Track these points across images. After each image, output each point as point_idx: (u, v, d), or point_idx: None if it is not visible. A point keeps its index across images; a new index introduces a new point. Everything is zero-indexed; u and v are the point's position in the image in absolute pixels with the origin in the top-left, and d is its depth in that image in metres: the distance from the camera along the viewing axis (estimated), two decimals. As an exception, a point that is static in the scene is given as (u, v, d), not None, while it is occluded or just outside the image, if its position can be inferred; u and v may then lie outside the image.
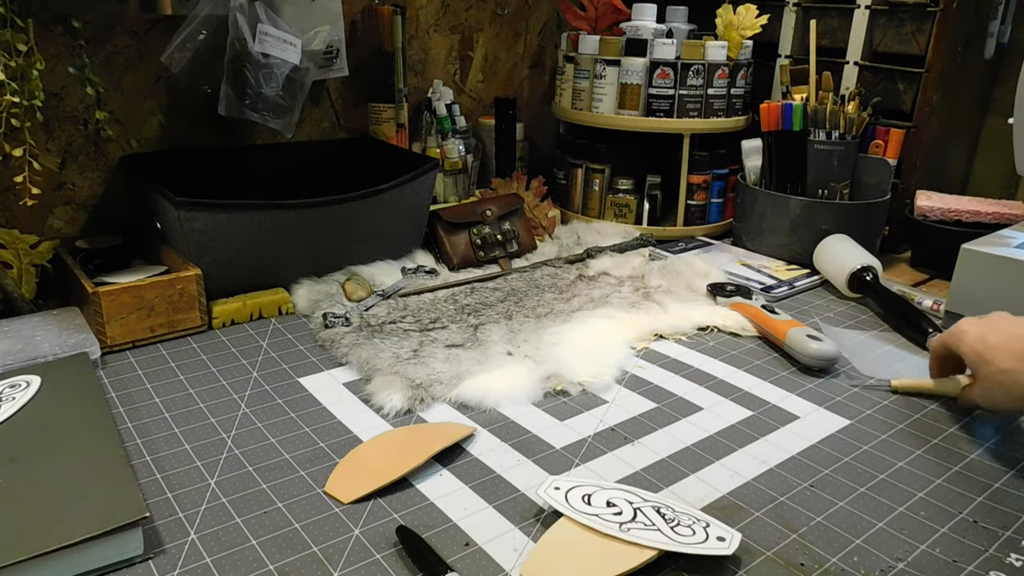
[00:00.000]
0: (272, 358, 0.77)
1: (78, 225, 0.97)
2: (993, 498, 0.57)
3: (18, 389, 0.64)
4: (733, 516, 0.55)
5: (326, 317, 0.83)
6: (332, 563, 0.49)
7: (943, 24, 1.06)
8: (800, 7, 1.22)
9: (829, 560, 0.51)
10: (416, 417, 0.67)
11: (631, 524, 0.51)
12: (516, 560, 0.50)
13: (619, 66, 1.14)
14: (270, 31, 0.93)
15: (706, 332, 0.87)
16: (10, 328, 0.77)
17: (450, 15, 1.24)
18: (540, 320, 0.85)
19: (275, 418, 0.66)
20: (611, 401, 0.71)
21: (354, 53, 1.11)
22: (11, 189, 0.87)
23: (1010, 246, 0.87)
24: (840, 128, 1.07)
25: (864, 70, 1.15)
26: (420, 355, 0.76)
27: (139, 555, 0.49)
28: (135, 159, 0.97)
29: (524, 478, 0.59)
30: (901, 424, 0.68)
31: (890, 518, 0.55)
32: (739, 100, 1.19)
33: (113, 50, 0.94)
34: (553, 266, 1.03)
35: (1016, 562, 0.51)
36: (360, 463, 0.59)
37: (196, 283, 0.81)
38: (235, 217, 0.83)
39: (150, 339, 0.79)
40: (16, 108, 0.75)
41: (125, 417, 0.66)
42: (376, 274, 0.95)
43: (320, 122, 1.15)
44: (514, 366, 0.74)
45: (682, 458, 0.62)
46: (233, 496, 0.56)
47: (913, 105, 1.11)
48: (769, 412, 0.70)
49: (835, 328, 0.87)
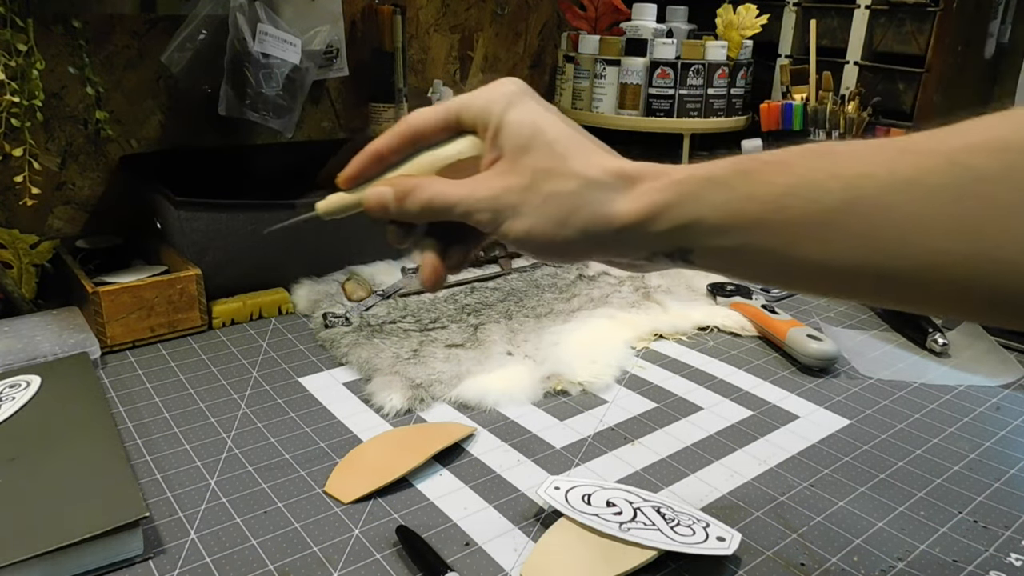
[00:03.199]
0: (272, 358, 0.77)
1: (78, 225, 0.97)
2: (993, 498, 0.57)
3: (18, 389, 0.64)
4: (733, 516, 0.55)
5: (326, 317, 0.83)
6: (332, 563, 0.49)
7: (943, 24, 1.06)
8: (800, 7, 1.22)
9: (829, 560, 0.51)
10: (416, 417, 0.67)
11: (631, 524, 0.51)
12: (516, 560, 0.50)
13: (619, 66, 1.14)
14: (270, 31, 0.93)
15: (706, 332, 0.87)
16: (10, 328, 0.77)
17: (450, 15, 1.24)
18: (540, 320, 0.85)
19: (275, 418, 0.66)
20: (611, 401, 0.71)
21: (354, 53, 1.11)
22: (11, 189, 0.87)
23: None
24: (840, 128, 1.07)
25: (864, 70, 1.15)
26: (420, 355, 0.76)
27: (139, 555, 0.49)
28: (135, 159, 0.97)
29: (524, 478, 0.59)
30: (901, 424, 0.68)
31: (890, 518, 0.55)
32: (739, 100, 1.19)
33: (113, 50, 0.94)
34: (553, 266, 1.03)
35: (1016, 562, 0.51)
36: (360, 463, 0.59)
37: (196, 283, 0.81)
38: (235, 217, 0.83)
39: (150, 339, 0.79)
40: (16, 108, 0.75)
41: (125, 417, 0.66)
42: (376, 274, 0.95)
43: (320, 122, 1.15)
44: (514, 366, 0.74)
45: (682, 458, 0.62)
46: (233, 496, 0.56)
47: (913, 105, 1.11)
48: (769, 412, 0.70)
49: (835, 328, 0.87)
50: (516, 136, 0.39)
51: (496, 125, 0.39)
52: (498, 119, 0.39)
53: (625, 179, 0.38)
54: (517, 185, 0.38)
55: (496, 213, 0.39)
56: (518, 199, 0.38)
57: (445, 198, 0.40)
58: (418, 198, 0.40)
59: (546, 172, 0.38)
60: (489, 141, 0.40)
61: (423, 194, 0.40)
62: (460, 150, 0.41)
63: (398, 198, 0.41)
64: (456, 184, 0.40)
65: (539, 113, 0.39)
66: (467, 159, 0.41)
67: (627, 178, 0.38)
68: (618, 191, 0.37)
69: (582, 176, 0.38)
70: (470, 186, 0.40)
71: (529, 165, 0.38)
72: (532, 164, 0.38)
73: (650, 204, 0.37)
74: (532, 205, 0.38)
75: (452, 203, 0.39)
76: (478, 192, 0.39)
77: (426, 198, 0.40)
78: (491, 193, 0.39)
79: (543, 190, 0.38)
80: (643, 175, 0.38)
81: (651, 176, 0.38)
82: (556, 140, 0.38)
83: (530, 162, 0.38)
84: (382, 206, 0.42)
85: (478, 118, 0.40)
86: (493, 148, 0.40)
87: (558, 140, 0.38)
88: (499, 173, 0.39)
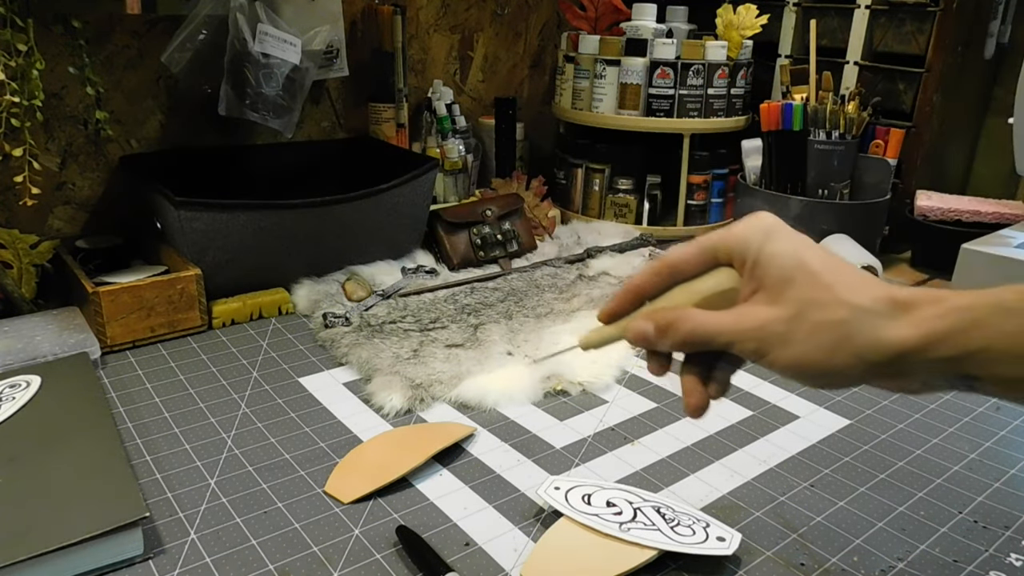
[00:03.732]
0: (272, 358, 0.77)
1: (78, 225, 0.97)
2: (993, 498, 0.57)
3: (18, 389, 0.64)
4: (733, 516, 0.55)
5: (326, 317, 0.83)
6: (332, 563, 0.49)
7: (943, 24, 1.06)
8: (800, 7, 1.22)
9: (829, 560, 0.51)
10: (416, 417, 0.67)
11: (631, 524, 0.51)
12: (516, 560, 0.50)
13: (619, 66, 1.14)
14: (270, 31, 0.93)
15: (706, 332, 0.87)
16: (10, 328, 0.77)
17: (450, 15, 1.24)
18: (540, 320, 0.85)
19: (275, 418, 0.66)
20: (611, 401, 0.71)
21: (354, 53, 1.11)
22: (11, 189, 0.87)
23: (1010, 246, 0.87)
24: (840, 128, 1.07)
25: (864, 70, 1.15)
26: (420, 355, 0.76)
27: (139, 555, 0.49)
28: (135, 159, 0.97)
29: (524, 478, 0.59)
30: (901, 424, 0.68)
31: (890, 518, 0.55)
32: (739, 100, 1.19)
33: (113, 50, 0.94)
34: (553, 266, 1.03)
35: (1016, 562, 0.51)
36: (360, 463, 0.59)
37: (196, 283, 0.81)
38: (235, 217, 0.83)
39: (150, 339, 0.79)
40: (16, 108, 0.75)
41: (125, 417, 0.66)
42: (376, 274, 0.95)
43: (320, 122, 1.15)
44: (514, 366, 0.74)
45: (682, 458, 0.62)
46: (233, 496, 0.56)
47: (913, 105, 1.11)
48: (769, 412, 0.70)
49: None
50: (778, 268, 0.39)
51: (755, 258, 0.40)
52: (756, 252, 0.40)
53: (898, 306, 0.37)
54: (784, 316, 0.38)
55: (762, 343, 0.39)
56: (785, 328, 0.38)
57: (707, 329, 0.40)
58: (680, 329, 0.41)
59: (813, 302, 0.38)
60: (748, 274, 0.40)
61: (685, 326, 0.41)
62: (718, 282, 0.41)
63: (660, 330, 0.42)
64: (718, 315, 0.40)
65: (799, 244, 0.40)
66: (724, 292, 0.41)
67: (900, 305, 0.37)
68: (891, 318, 0.37)
69: (852, 304, 0.37)
70: (733, 316, 0.40)
71: (794, 296, 0.38)
72: (797, 295, 0.38)
73: (930, 331, 0.36)
74: (800, 334, 0.38)
75: (715, 333, 0.40)
76: (743, 323, 0.39)
77: (688, 329, 0.41)
78: (756, 324, 0.39)
79: (811, 319, 0.38)
80: (917, 302, 0.37)
81: (928, 302, 0.37)
82: (821, 271, 0.38)
83: (795, 293, 0.38)
84: (644, 339, 0.42)
85: (735, 251, 0.41)
86: (752, 280, 0.40)
87: (823, 271, 0.38)
88: (762, 304, 0.39)
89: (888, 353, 0.37)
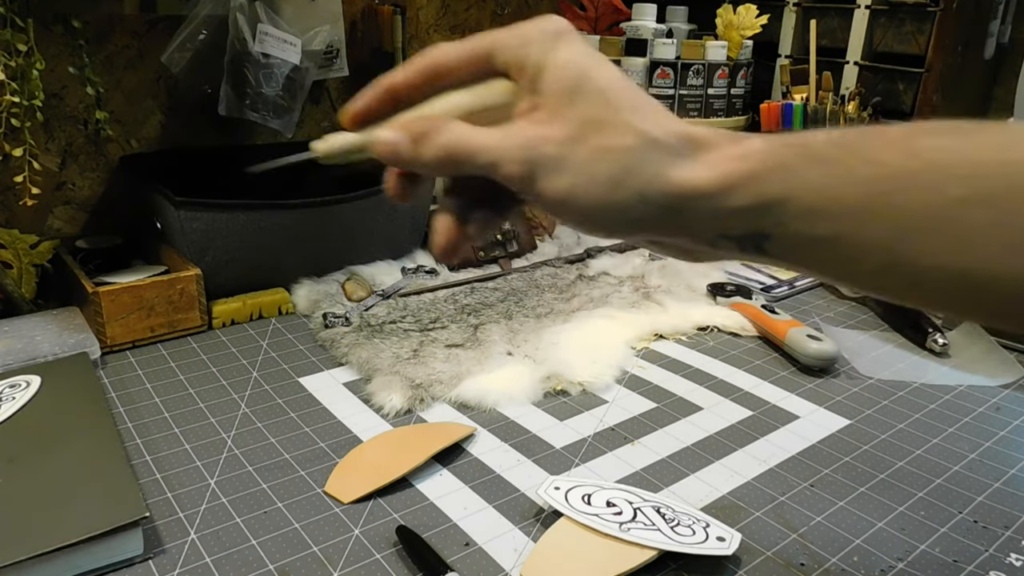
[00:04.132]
0: (272, 358, 0.77)
1: (78, 225, 0.97)
2: (993, 498, 0.57)
3: (18, 389, 0.64)
4: (733, 516, 0.55)
5: (326, 317, 0.83)
6: (332, 563, 0.49)
7: (943, 24, 1.06)
8: (800, 7, 1.22)
9: (829, 560, 0.51)
10: (416, 417, 0.67)
11: (631, 524, 0.51)
12: (516, 560, 0.50)
13: (619, 66, 1.14)
14: (270, 31, 0.93)
15: (706, 332, 0.87)
16: (10, 328, 0.77)
17: (450, 15, 1.24)
18: (540, 320, 0.85)
19: (275, 418, 0.66)
20: (611, 401, 0.71)
21: (354, 53, 1.11)
22: (11, 189, 0.87)
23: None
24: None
25: (864, 70, 1.15)
26: (420, 355, 0.76)
27: (139, 555, 0.49)
28: (135, 159, 0.97)
29: (524, 478, 0.59)
30: (901, 424, 0.68)
31: (890, 518, 0.55)
32: (739, 100, 1.19)
33: (113, 50, 0.94)
34: (553, 266, 1.03)
35: (1016, 562, 0.51)
36: (360, 463, 0.59)
37: (196, 283, 0.81)
38: (235, 217, 0.83)
39: (150, 339, 0.79)
40: (16, 108, 0.75)
41: (125, 417, 0.66)
42: (376, 274, 0.95)
43: (320, 122, 1.15)
44: (514, 366, 0.74)
45: (682, 458, 0.62)
46: (233, 496, 0.56)
47: (913, 105, 1.11)
48: (769, 412, 0.70)
49: (835, 328, 0.87)
50: (561, 80, 0.32)
51: (536, 67, 0.33)
52: (538, 59, 0.33)
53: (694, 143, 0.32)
54: (560, 135, 0.32)
55: (531, 166, 0.32)
56: (560, 152, 0.32)
57: (468, 144, 0.33)
58: (436, 142, 0.34)
59: (597, 123, 0.32)
60: (526, 86, 0.34)
61: (442, 138, 0.34)
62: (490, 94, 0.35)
63: (413, 140, 0.34)
64: (483, 130, 0.33)
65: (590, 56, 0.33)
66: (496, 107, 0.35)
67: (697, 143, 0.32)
68: (684, 156, 0.32)
69: (641, 132, 0.32)
70: (500, 133, 0.33)
71: (576, 114, 0.32)
72: (580, 113, 0.32)
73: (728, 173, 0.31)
74: (578, 160, 0.32)
75: (476, 150, 0.33)
76: (510, 140, 0.33)
77: (445, 142, 0.34)
78: (526, 142, 0.32)
79: (592, 143, 0.32)
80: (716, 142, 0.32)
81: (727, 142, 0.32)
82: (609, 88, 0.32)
83: (577, 111, 0.32)
84: (393, 151, 0.35)
85: (514, 58, 0.34)
86: (531, 94, 0.33)
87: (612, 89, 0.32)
88: (537, 122, 0.33)
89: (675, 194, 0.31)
